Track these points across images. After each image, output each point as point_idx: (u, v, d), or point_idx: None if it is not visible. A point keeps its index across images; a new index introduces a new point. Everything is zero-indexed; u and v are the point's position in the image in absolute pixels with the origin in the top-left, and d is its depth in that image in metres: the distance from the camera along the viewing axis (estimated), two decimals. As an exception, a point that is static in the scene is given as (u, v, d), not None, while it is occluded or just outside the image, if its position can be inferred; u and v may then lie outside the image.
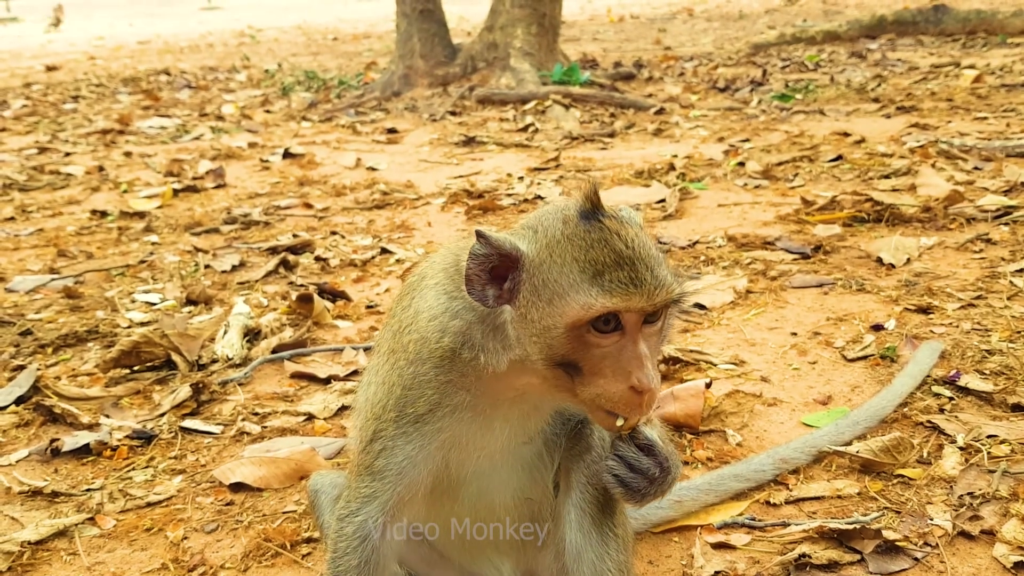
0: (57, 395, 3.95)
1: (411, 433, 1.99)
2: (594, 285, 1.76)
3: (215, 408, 3.91)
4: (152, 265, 5.87)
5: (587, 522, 2.12)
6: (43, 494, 3.28)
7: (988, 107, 9.38)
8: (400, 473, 2.01)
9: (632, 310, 1.78)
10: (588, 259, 1.79)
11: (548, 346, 1.81)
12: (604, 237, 1.81)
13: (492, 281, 1.86)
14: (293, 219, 6.91)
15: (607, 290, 1.76)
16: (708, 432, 3.52)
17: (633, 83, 13.05)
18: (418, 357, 2.00)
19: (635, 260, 1.79)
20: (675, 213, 6.36)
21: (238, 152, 9.54)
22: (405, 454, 2.00)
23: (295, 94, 13.65)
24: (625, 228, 1.83)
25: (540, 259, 1.83)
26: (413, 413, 1.99)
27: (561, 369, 1.82)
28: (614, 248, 1.79)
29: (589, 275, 1.77)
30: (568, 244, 1.82)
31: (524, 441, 2.13)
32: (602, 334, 1.79)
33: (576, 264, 1.79)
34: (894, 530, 2.79)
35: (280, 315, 4.83)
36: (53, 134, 11.04)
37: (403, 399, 2.01)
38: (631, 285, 1.76)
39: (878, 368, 3.93)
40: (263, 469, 3.31)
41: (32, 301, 5.28)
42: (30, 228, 6.90)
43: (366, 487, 2.04)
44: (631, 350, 1.79)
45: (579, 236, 1.82)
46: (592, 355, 1.80)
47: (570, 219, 1.85)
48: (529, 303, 1.83)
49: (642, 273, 1.78)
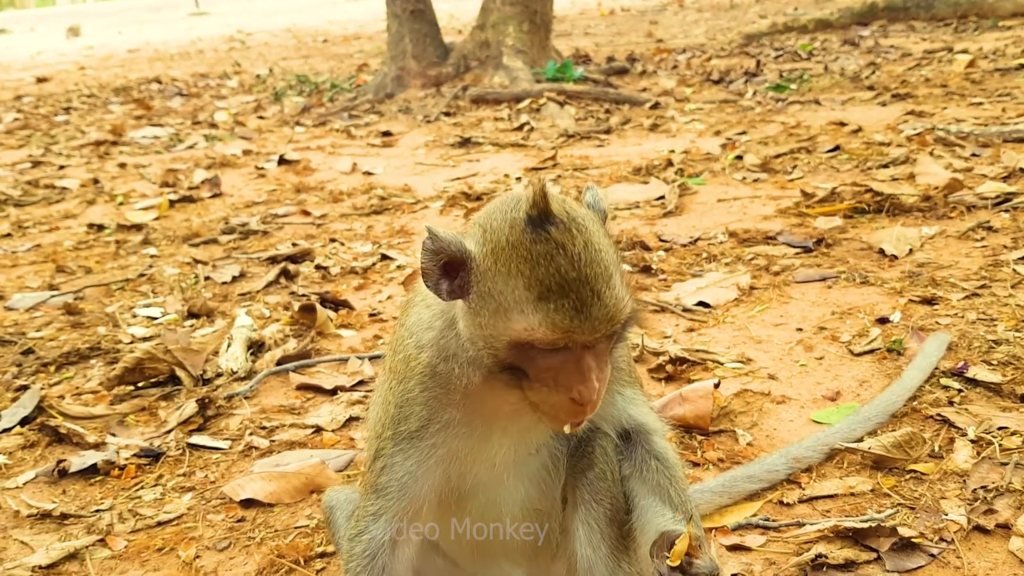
0: (62, 415, 3.93)
1: (408, 450, 1.99)
2: (538, 311, 1.69)
3: (222, 423, 3.90)
4: (152, 278, 5.84)
5: (596, 537, 2.10)
6: (52, 516, 3.26)
7: (983, 92, 9.37)
8: (402, 489, 2.00)
9: (576, 342, 1.72)
10: (533, 277, 1.70)
11: (494, 351, 1.77)
12: (550, 252, 1.70)
13: (444, 276, 1.81)
14: (291, 227, 6.89)
15: (551, 320, 1.68)
16: (718, 432, 3.50)
17: (627, 78, 13.02)
18: (405, 375, 2.00)
19: (581, 284, 1.69)
20: (675, 210, 6.34)
21: (233, 160, 9.51)
22: (405, 470, 1.99)
23: (288, 99, 13.61)
24: (574, 240, 1.71)
25: (486, 265, 1.76)
26: (407, 430, 1.99)
27: (509, 372, 1.79)
28: (559, 268, 1.69)
29: (534, 296, 1.69)
30: (513, 254, 1.73)
31: (528, 453, 2.11)
32: (545, 352, 1.74)
33: (521, 280, 1.71)
34: (909, 527, 2.77)
35: (283, 326, 4.81)
36: (46, 147, 11.01)
37: (397, 416, 2.01)
38: (575, 317, 1.68)
39: (885, 362, 3.92)
40: (273, 484, 3.30)
41: (32, 319, 5.26)
42: (27, 244, 6.87)
43: (372, 505, 2.04)
44: (574, 365, 1.74)
45: (524, 246, 1.72)
46: (536, 365, 1.75)
47: (517, 224, 1.75)
48: (477, 306, 1.78)
49: (587, 301, 1.69)
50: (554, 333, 1.69)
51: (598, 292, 1.70)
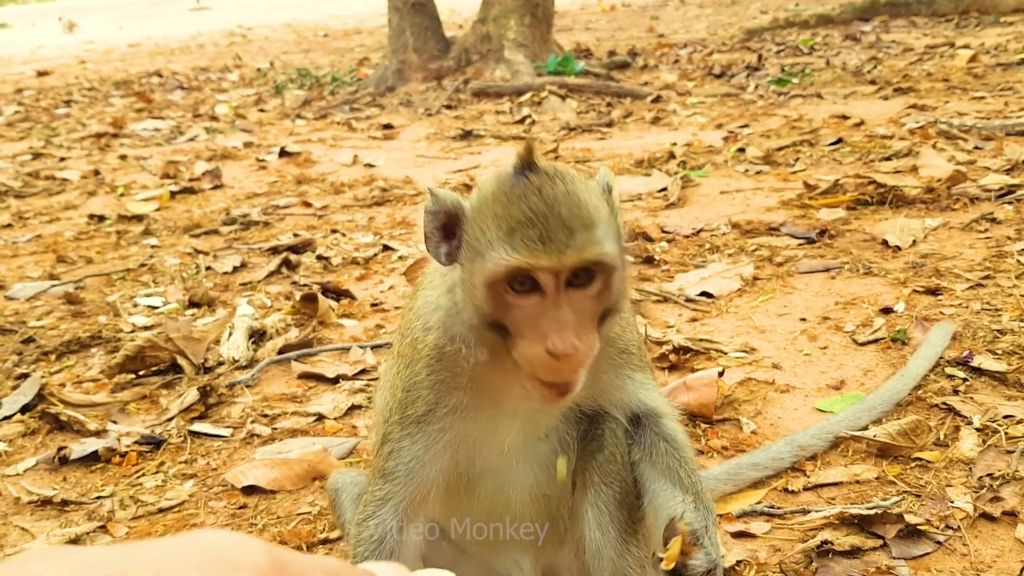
0: (63, 402, 3.92)
1: (415, 434, 1.97)
2: (505, 242, 1.69)
3: (223, 411, 3.88)
4: (153, 268, 5.83)
5: (605, 520, 2.09)
6: (53, 503, 3.25)
7: (985, 86, 9.35)
8: (409, 474, 1.99)
9: (540, 270, 1.69)
10: (505, 215, 1.72)
11: (477, 307, 1.76)
12: (524, 192, 1.72)
13: (444, 238, 1.82)
14: (293, 218, 6.87)
15: (515, 248, 1.67)
16: (722, 421, 3.49)
17: (628, 72, 13.00)
18: (412, 359, 1.99)
19: (550, 217, 1.68)
20: (677, 201, 6.32)
21: (234, 152, 9.49)
22: (412, 454, 1.98)
23: (288, 92, 13.58)
24: (552, 184, 1.72)
25: (472, 216, 1.78)
26: (414, 415, 1.97)
27: (494, 332, 1.77)
28: (530, 204, 1.70)
29: (503, 232, 1.70)
30: (494, 201, 1.75)
31: (538, 438, 2.10)
32: (519, 294, 1.71)
33: (495, 220, 1.72)
34: (915, 514, 2.76)
35: (285, 315, 4.79)
36: (47, 139, 10.98)
37: (404, 401, 2.00)
38: (538, 244, 1.67)
39: (889, 351, 3.90)
40: (276, 471, 3.29)
41: (33, 308, 5.24)
42: (28, 235, 6.85)
43: (379, 490, 2.03)
44: (550, 313, 1.70)
45: (504, 192, 1.74)
46: (514, 316, 1.73)
47: (502, 175, 1.78)
48: (465, 260, 1.78)
49: (554, 232, 1.67)
50: (516, 258, 1.67)
51: (570, 227, 1.68)
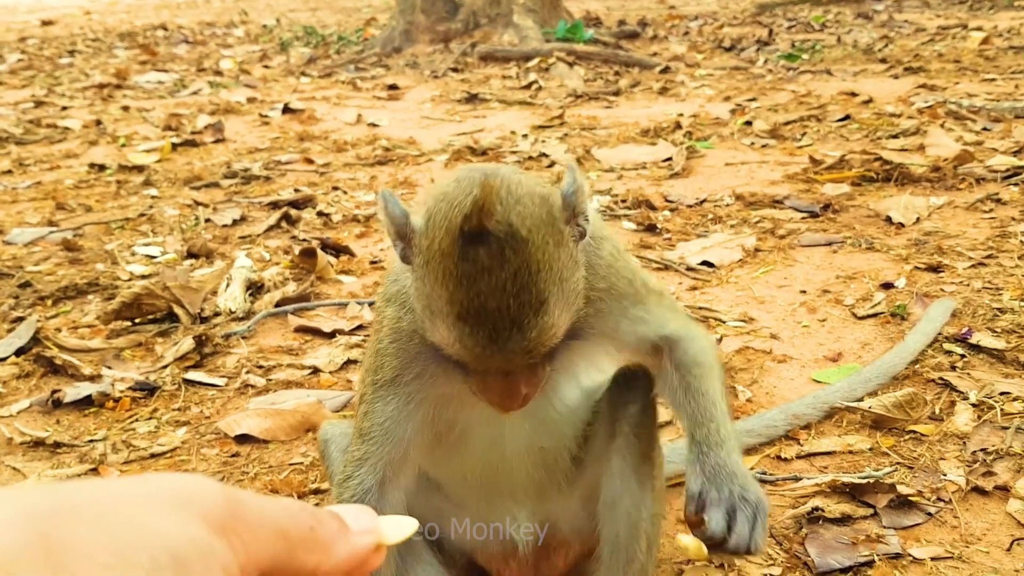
0: (58, 346, 3.90)
1: (387, 396, 1.95)
2: (454, 329, 1.62)
3: (219, 361, 3.87)
4: (152, 218, 5.80)
5: (628, 471, 2.07)
6: (45, 445, 3.25)
7: (996, 69, 9.29)
8: (385, 434, 1.96)
9: (489, 373, 1.67)
10: (455, 296, 1.61)
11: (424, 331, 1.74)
12: (474, 275, 1.58)
13: (399, 238, 1.75)
14: (294, 174, 6.84)
15: (465, 345, 1.62)
16: (718, 388, 3.48)
17: (638, 42, 12.90)
18: (379, 325, 1.97)
19: (500, 315, 1.58)
20: (682, 172, 6.29)
21: (237, 107, 9.43)
22: (385, 415, 1.96)
23: (294, 50, 13.49)
24: (503, 264, 1.58)
25: (422, 259, 1.68)
26: (382, 379, 1.95)
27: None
28: (479, 294, 1.59)
29: (454, 314, 1.61)
30: (443, 262, 1.62)
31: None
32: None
33: (445, 292, 1.62)
34: (907, 485, 2.76)
35: (283, 269, 4.78)
36: (49, 88, 10.91)
37: (374, 365, 1.98)
38: (489, 346, 1.60)
39: (888, 326, 3.89)
40: (269, 421, 3.28)
41: (31, 253, 5.21)
42: (27, 181, 6.82)
43: (357, 450, 2.01)
44: (500, 382, 1.68)
45: (453, 260, 1.61)
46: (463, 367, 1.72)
47: (452, 230, 1.62)
48: (415, 287, 1.73)
49: (504, 333, 1.58)
50: (467, 357, 1.64)
51: (520, 323, 1.59)
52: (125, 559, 0.62)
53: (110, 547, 0.62)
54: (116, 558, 0.62)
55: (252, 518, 0.72)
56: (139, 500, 0.67)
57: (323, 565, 0.78)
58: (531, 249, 1.60)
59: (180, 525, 0.67)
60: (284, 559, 0.75)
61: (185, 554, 0.65)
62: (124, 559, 0.62)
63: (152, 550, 0.64)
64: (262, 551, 0.72)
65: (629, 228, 5.25)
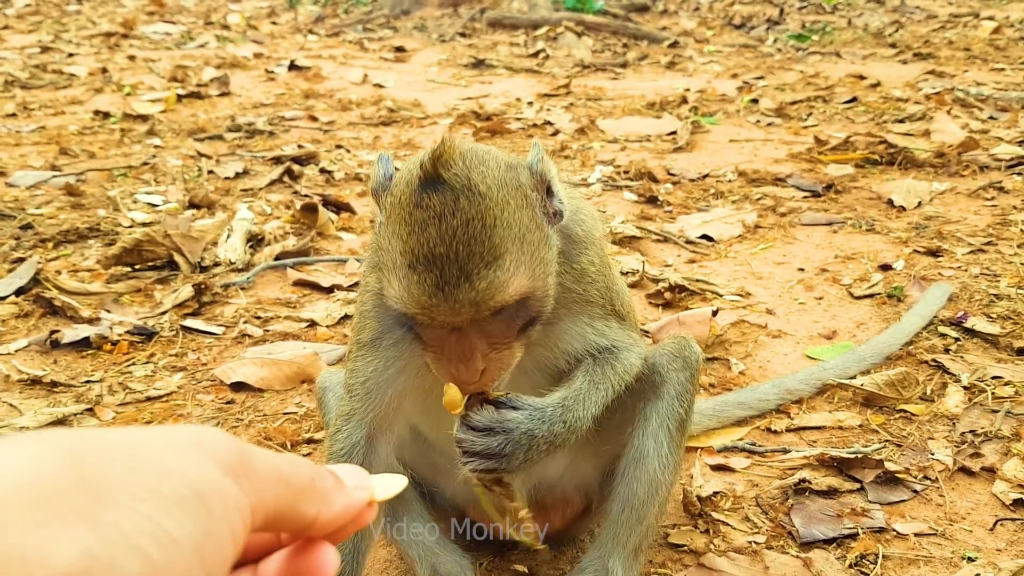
0: (57, 288, 3.91)
1: (367, 356, 1.97)
2: (404, 279, 1.61)
3: (217, 310, 3.88)
4: (155, 168, 5.79)
5: (663, 433, 2.11)
6: (42, 383, 3.26)
7: (1006, 58, 9.25)
8: (368, 393, 1.99)
9: (436, 325, 1.65)
10: (407, 244, 1.61)
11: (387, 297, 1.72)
12: (425, 220, 1.59)
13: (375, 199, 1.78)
14: (298, 131, 6.82)
15: (412, 294, 1.61)
16: (712, 359, 3.50)
17: (647, 15, 12.83)
18: (363, 287, 2.00)
19: (448, 262, 1.58)
20: (686, 146, 6.28)
21: (243, 62, 9.38)
22: (366, 375, 1.98)
23: (302, 7, 13.40)
24: (455, 211, 1.58)
25: (384, 215, 1.69)
26: (364, 340, 1.98)
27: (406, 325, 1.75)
28: (429, 240, 1.58)
29: (405, 263, 1.61)
30: (400, 212, 1.63)
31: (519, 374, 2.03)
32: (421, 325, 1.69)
33: (399, 242, 1.62)
34: (895, 462, 2.79)
35: (284, 223, 4.78)
36: (56, 34, 10.84)
37: (357, 326, 2.02)
38: (435, 295, 1.58)
39: (884, 306, 3.91)
40: (265, 370, 3.30)
41: (33, 196, 5.21)
42: (32, 125, 6.79)
43: (345, 405, 2.04)
44: (453, 343, 1.67)
45: (408, 208, 1.62)
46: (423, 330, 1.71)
47: (412, 180, 1.64)
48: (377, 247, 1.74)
49: (452, 281, 1.57)
50: (414, 308, 1.63)
51: (468, 273, 1.58)
52: (152, 491, 0.67)
53: (138, 480, 0.67)
54: (144, 490, 0.67)
55: (259, 467, 0.77)
56: (161, 444, 0.72)
57: (322, 516, 0.83)
58: (488, 203, 1.61)
59: (198, 467, 0.72)
60: (287, 507, 0.80)
61: (205, 491, 0.70)
62: (151, 491, 0.67)
63: (176, 485, 0.69)
64: (268, 497, 0.77)
65: (630, 199, 5.25)
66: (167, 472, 0.70)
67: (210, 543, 0.69)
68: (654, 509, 2.13)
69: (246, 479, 0.75)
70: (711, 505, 2.62)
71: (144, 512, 0.66)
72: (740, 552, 2.44)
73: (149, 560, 0.64)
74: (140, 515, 0.65)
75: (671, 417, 2.12)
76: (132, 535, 0.64)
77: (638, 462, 2.11)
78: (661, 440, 2.10)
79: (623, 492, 2.14)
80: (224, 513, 0.71)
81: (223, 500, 0.72)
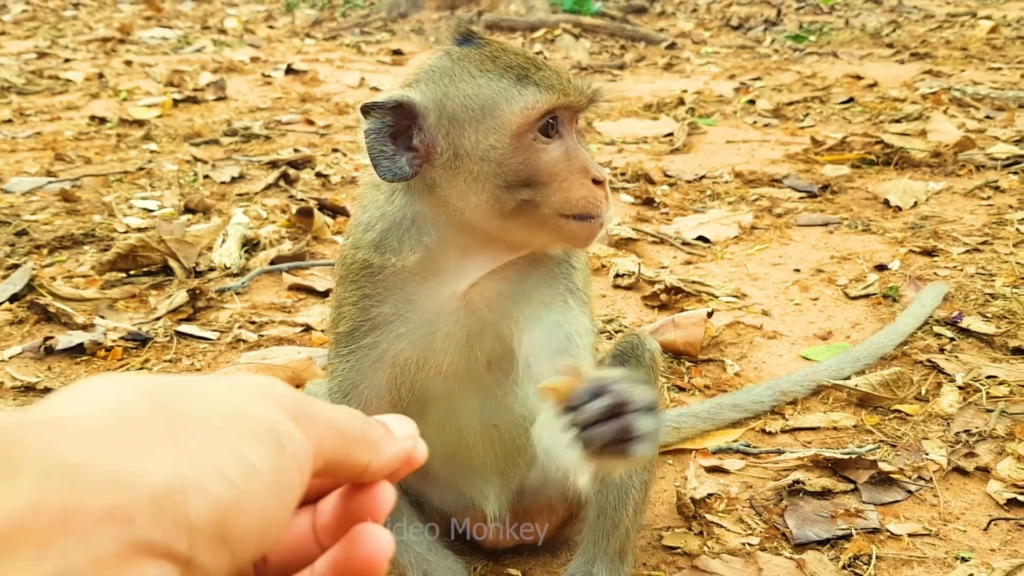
0: (52, 294, 3.91)
1: (343, 353, 1.95)
2: (527, 85, 1.71)
3: (211, 315, 3.88)
4: (150, 173, 5.78)
5: None
6: (36, 390, 3.26)
7: (1003, 58, 9.25)
8: (345, 394, 1.96)
9: (570, 106, 1.76)
10: (502, 65, 1.73)
11: (497, 167, 1.72)
12: (498, 48, 1.77)
13: (402, 149, 1.74)
14: (294, 135, 6.82)
15: (544, 87, 1.71)
16: (707, 361, 3.50)
17: (645, 16, 12.84)
18: (342, 278, 1.96)
19: (544, 62, 1.76)
20: (683, 147, 6.28)
21: (240, 66, 9.38)
22: (342, 375, 1.96)
23: (299, 11, 13.41)
24: (508, 44, 1.80)
25: (442, 92, 1.74)
26: (342, 333, 1.95)
27: (518, 193, 1.73)
28: (517, 54, 1.75)
29: (513, 79, 1.72)
30: (467, 64, 1.75)
31: (482, 366, 1.99)
32: (547, 138, 1.74)
33: (491, 73, 1.73)
34: (889, 462, 2.78)
35: (279, 228, 4.78)
36: (53, 40, 10.85)
37: (335, 318, 1.98)
38: (560, 82, 1.73)
39: (880, 307, 3.90)
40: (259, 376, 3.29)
41: (28, 202, 5.21)
42: (28, 131, 6.80)
43: None
44: (575, 149, 1.77)
45: (473, 56, 1.76)
46: (543, 162, 1.73)
47: (452, 50, 1.80)
48: (456, 138, 1.73)
49: (560, 72, 1.76)
50: (550, 97, 1.71)
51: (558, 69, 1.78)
52: (232, 425, 0.73)
53: (218, 416, 0.73)
54: (224, 423, 0.73)
55: (318, 416, 0.82)
56: (230, 388, 0.78)
57: (374, 463, 0.87)
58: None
59: (267, 409, 0.77)
60: (342, 455, 0.84)
61: (278, 430, 0.76)
62: (231, 425, 0.73)
63: (252, 422, 0.74)
64: (326, 444, 0.81)
65: (627, 201, 5.25)
66: (243, 410, 0.75)
67: (284, 477, 0.74)
68: (628, 512, 2.13)
69: (308, 426, 0.79)
70: (705, 507, 2.62)
71: (226, 442, 0.71)
72: (734, 554, 2.44)
73: (233, 484, 0.69)
74: (223, 444, 0.71)
75: None
76: (217, 460, 0.69)
77: None
78: None
79: (595, 498, 2.14)
80: (293, 453, 0.76)
81: (292, 441, 0.76)
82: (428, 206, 1.82)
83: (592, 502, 2.16)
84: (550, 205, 1.74)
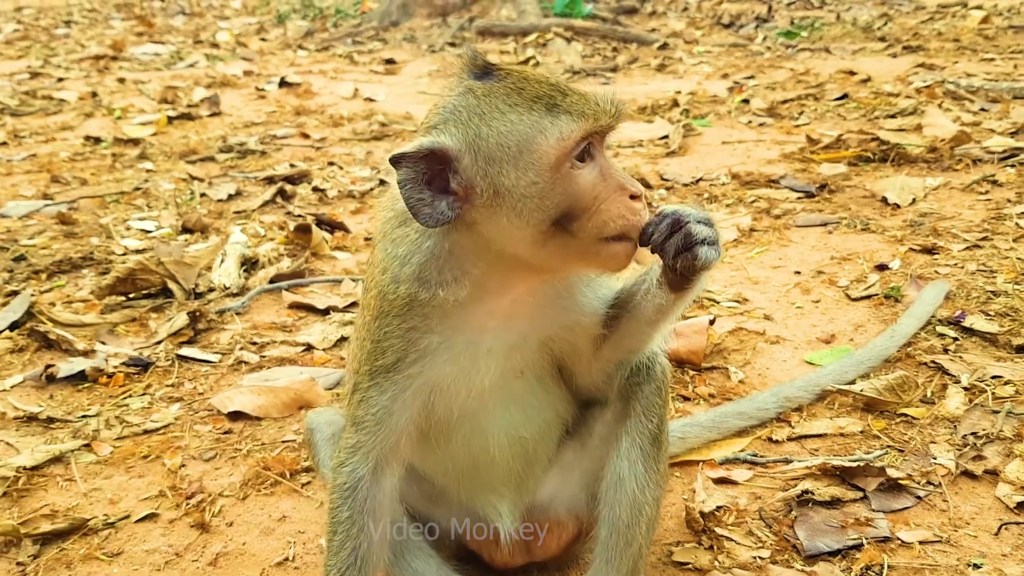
0: (52, 321, 3.90)
1: (383, 384, 1.95)
2: (560, 114, 1.72)
3: (212, 337, 3.87)
4: (147, 192, 5.78)
5: (636, 452, 2.10)
6: (38, 420, 3.25)
7: (995, 48, 9.24)
8: (379, 423, 1.97)
9: (603, 129, 1.77)
10: (529, 97, 1.73)
11: (539, 201, 1.73)
12: (524, 78, 1.76)
13: (439, 194, 1.75)
14: (290, 149, 6.81)
15: (576, 115, 1.72)
16: (710, 369, 3.49)
17: (636, 17, 12.83)
18: (380, 311, 1.94)
19: (568, 86, 1.77)
20: (678, 150, 6.27)
21: (233, 80, 9.38)
22: (380, 404, 1.96)
23: (291, 22, 13.40)
24: (528, 71, 1.79)
25: (474, 132, 1.74)
26: (382, 365, 1.95)
27: (557, 225, 1.75)
28: (541, 83, 1.75)
29: (543, 110, 1.72)
30: (494, 100, 1.74)
31: (515, 376, 2.06)
32: (582, 163, 1.76)
33: (520, 108, 1.73)
34: (897, 468, 2.77)
35: (278, 245, 4.77)
36: (45, 59, 10.84)
37: (373, 352, 1.96)
38: (592, 105, 1.74)
39: (882, 307, 3.89)
40: (262, 398, 3.28)
41: (25, 227, 5.20)
42: (23, 153, 6.79)
43: (351, 437, 2.01)
44: (608, 168, 1.79)
45: (499, 90, 1.75)
46: (581, 189, 1.75)
47: (473, 87, 1.78)
48: (495, 177, 1.73)
49: (587, 96, 1.76)
50: (584, 123, 1.72)
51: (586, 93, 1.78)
52: None
53: None
54: None
55: None
56: None
57: None
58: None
59: None
60: None
61: None
62: None
63: None
64: None
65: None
66: None
67: None
68: (641, 530, 2.12)
69: None
70: (714, 520, 2.60)
71: None
72: (745, 568, 2.42)
73: None
74: None
75: (641, 434, 2.10)
76: None
77: (617, 485, 2.09)
78: (635, 459, 2.09)
79: (607, 516, 2.13)
80: None
81: None
82: (467, 239, 1.83)
83: (604, 519, 2.15)
84: (589, 230, 1.76)
